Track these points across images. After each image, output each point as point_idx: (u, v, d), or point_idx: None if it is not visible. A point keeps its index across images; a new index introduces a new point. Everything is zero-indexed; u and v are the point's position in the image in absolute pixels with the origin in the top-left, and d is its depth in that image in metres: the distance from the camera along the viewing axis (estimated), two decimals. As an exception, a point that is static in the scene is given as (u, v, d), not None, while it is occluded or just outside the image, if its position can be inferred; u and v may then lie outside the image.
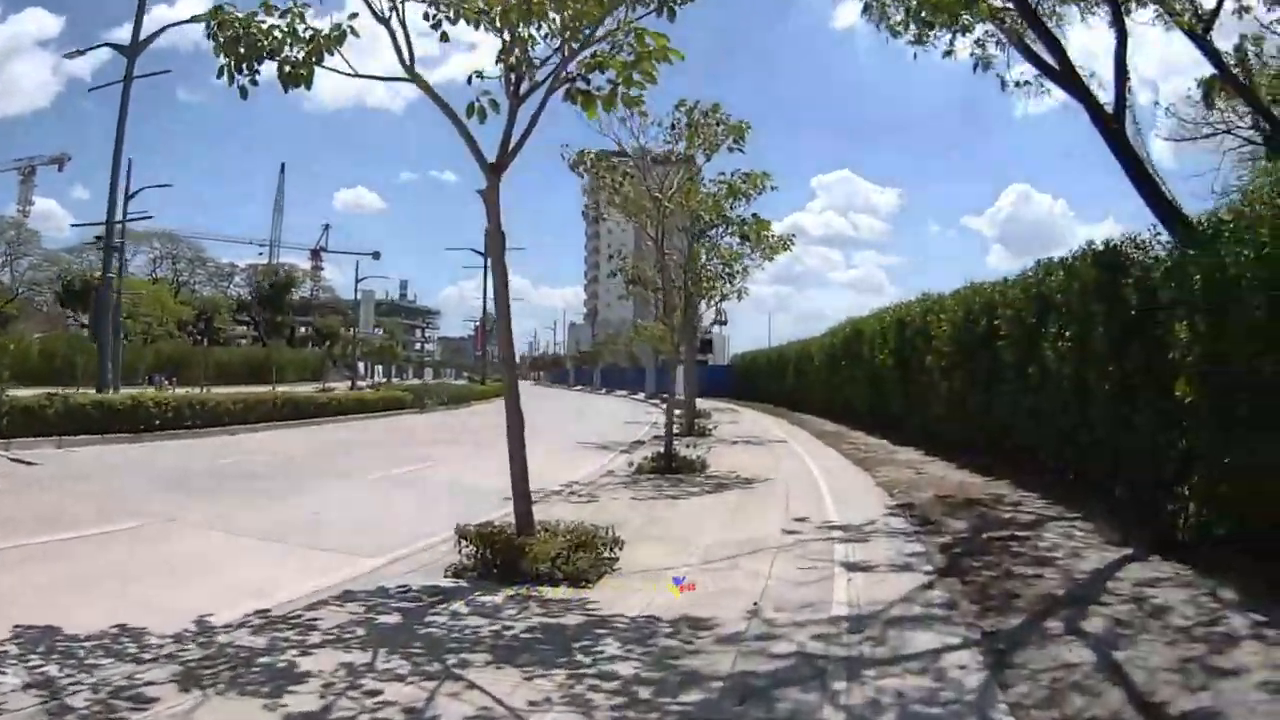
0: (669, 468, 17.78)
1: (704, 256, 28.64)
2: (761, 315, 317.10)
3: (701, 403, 56.99)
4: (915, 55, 16.26)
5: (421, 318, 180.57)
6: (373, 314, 79.84)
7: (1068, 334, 12.91)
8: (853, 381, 30.39)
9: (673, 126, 18.15)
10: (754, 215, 24.13)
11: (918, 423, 23.07)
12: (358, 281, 74.62)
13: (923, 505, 13.07)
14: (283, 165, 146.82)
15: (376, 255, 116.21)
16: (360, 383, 62.86)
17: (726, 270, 26.12)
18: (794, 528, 11.56)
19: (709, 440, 26.39)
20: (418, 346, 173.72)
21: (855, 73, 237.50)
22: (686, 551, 10.18)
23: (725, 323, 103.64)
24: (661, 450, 18.58)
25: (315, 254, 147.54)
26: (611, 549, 9.33)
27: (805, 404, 41.00)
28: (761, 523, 12.05)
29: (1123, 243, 12.11)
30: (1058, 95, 16.23)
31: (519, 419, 10.31)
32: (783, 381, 47.55)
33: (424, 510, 13.22)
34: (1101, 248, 12.35)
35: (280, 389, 37.17)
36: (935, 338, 20.37)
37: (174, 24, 57.92)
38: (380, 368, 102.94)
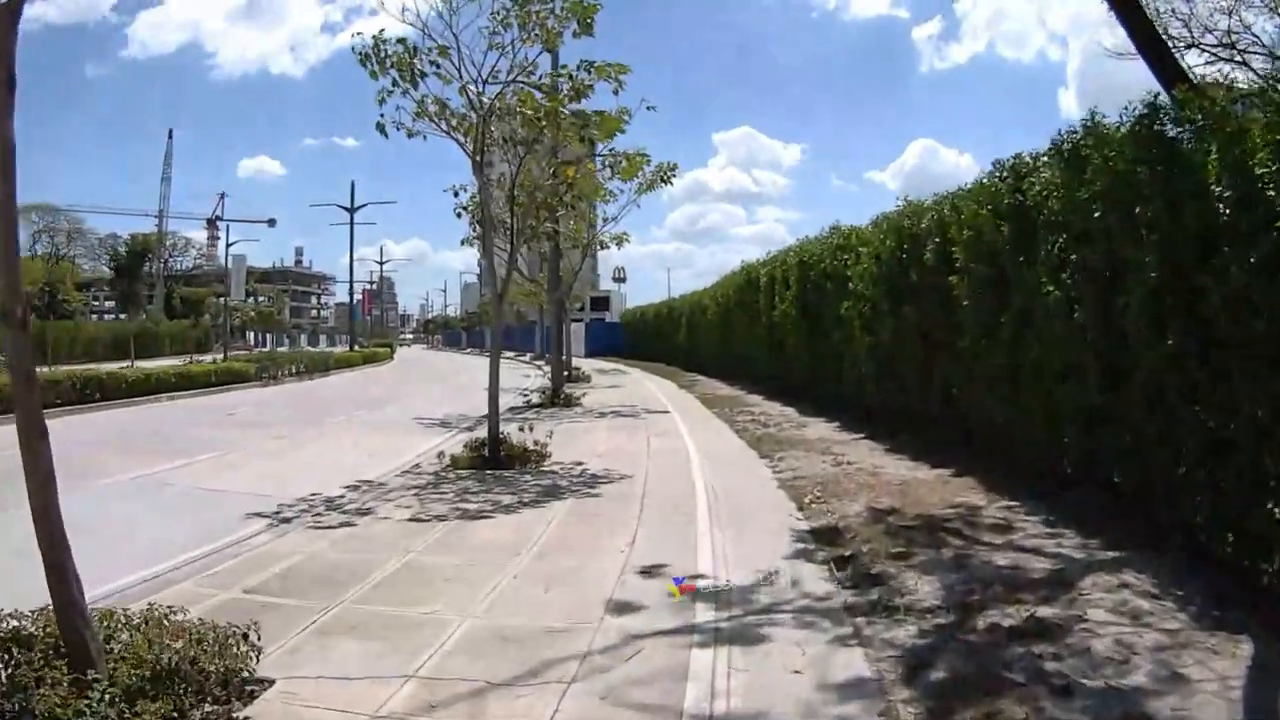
0: (493, 460, 12.65)
1: (535, 171, 23.65)
2: (661, 271, 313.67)
3: (589, 364, 52.70)
4: None
5: (317, 284, 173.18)
6: (244, 281, 72.59)
7: (1076, 257, 8.08)
8: (751, 339, 25.58)
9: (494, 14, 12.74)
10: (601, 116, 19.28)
11: (831, 389, 18.36)
12: (228, 246, 67.39)
13: (855, 531, 8.11)
14: (170, 131, 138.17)
15: (272, 223, 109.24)
16: (239, 352, 57.50)
17: (572, 197, 20.11)
18: (633, 595, 6.44)
19: (573, 412, 21.37)
20: (314, 314, 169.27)
21: (759, 25, 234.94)
22: (400, 662, 5.10)
23: (624, 280, 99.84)
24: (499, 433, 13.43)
25: (211, 223, 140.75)
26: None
27: (700, 364, 36.27)
28: (579, 583, 6.85)
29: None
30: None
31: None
32: (675, 339, 42.66)
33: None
34: (1144, 110, 7.41)
35: (137, 365, 32.03)
36: (851, 279, 15.59)
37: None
38: (270, 336, 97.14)
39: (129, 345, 69.70)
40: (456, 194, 20.12)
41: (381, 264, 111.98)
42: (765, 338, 23.50)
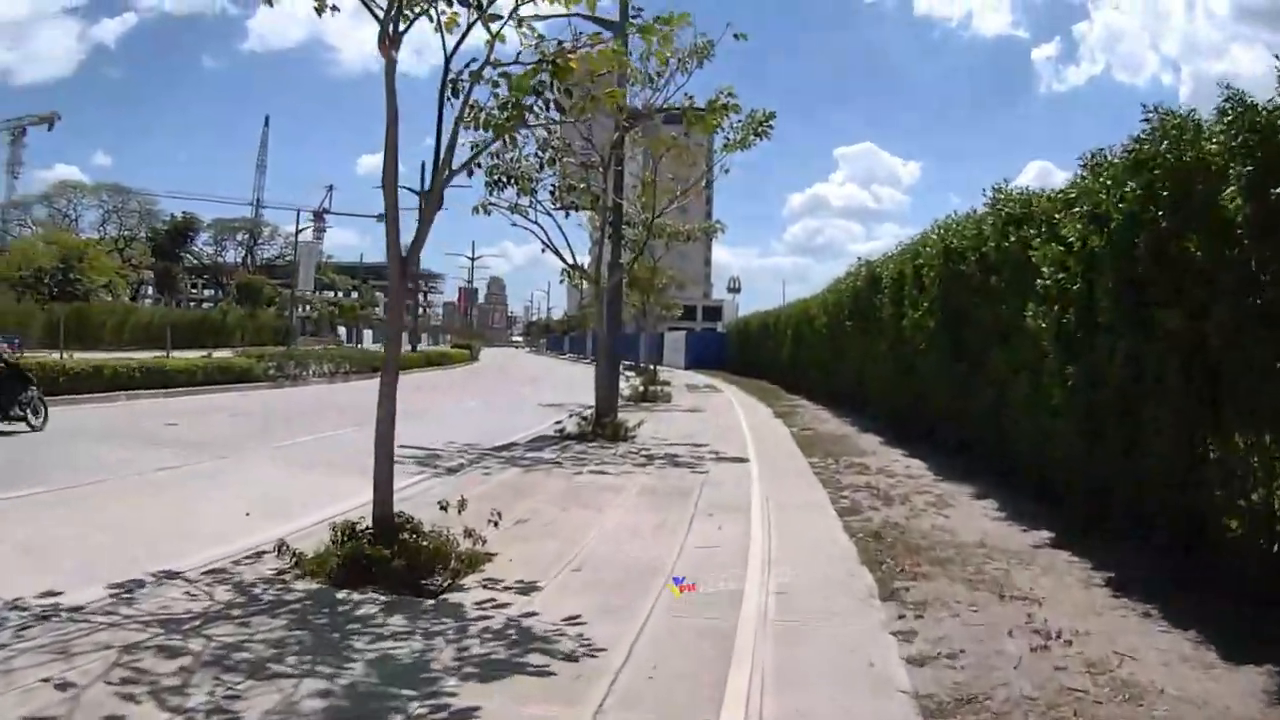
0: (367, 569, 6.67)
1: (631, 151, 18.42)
2: (778, 284, 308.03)
3: (685, 376, 46.65)
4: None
5: (425, 281, 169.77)
6: (313, 271, 68.52)
7: None
8: (869, 358, 19.10)
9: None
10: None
11: (982, 434, 12.08)
12: (297, 233, 63.34)
13: None
14: (266, 118, 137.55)
15: (380, 218, 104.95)
16: (316, 346, 53.57)
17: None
18: None
19: (612, 452, 15.17)
20: (420, 311, 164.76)
21: (881, 43, 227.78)
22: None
23: (738, 290, 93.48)
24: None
25: (318, 216, 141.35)
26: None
27: (805, 385, 29.83)
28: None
29: None
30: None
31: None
32: (778, 354, 36.21)
33: None
34: None
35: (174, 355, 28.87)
36: (1040, 266, 9.23)
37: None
38: (369, 332, 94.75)
39: (213, 333, 67.31)
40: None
41: (473, 259, 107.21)
42: (888, 358, 17.09)
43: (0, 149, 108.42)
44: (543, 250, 18.36)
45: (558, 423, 17.96)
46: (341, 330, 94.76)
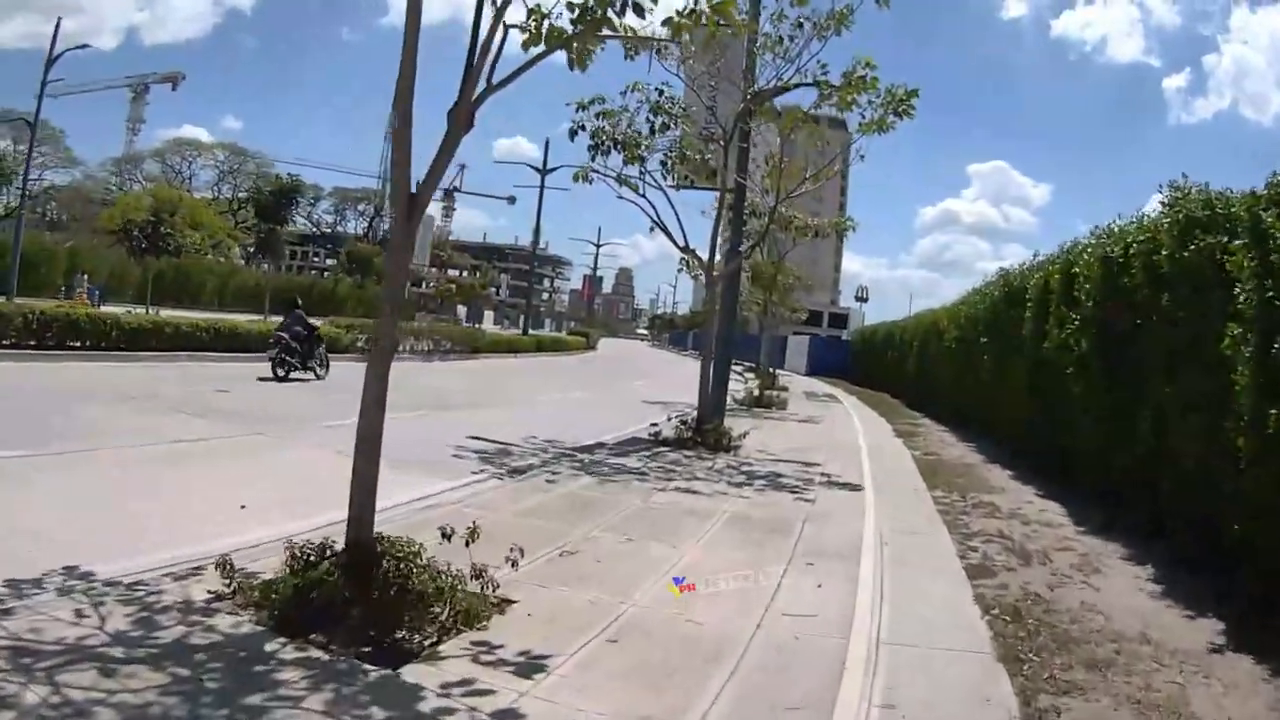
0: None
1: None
2: (905, 297, 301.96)
3: (804, 383, 44.86)
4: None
5: (552, 267, 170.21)
6: (427, 246, 67.71)
7: None
8: (1005, 379, 16.89)
9: None
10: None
11: (1140, 476, 10.05)
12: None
13: None
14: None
15: (512, 200, 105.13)
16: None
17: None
18: None
19: (710, 464, 13.59)
20: (545, 296, 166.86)
21: (1017, 62, 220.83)
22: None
23: (866, 299, 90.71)
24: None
25: (448, 194, 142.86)
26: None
27: (930, 402, 27.69)
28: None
29: None
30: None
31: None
32: (903, 367, 34.01)
33: None
34: None
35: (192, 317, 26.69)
36: (1243, 274, 7.36)
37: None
38: (488, 312, 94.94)
39: (327, 302, 67.93)
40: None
41: (598, 246, 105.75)
42: (1024, 381, 15.08)
43: (123, 106, 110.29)
44: (651, 230, 16.85)
45: (654, 425, 16.37)
46: (462, 309, 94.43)
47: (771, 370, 42.88)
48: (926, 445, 18.65)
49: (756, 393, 28.05)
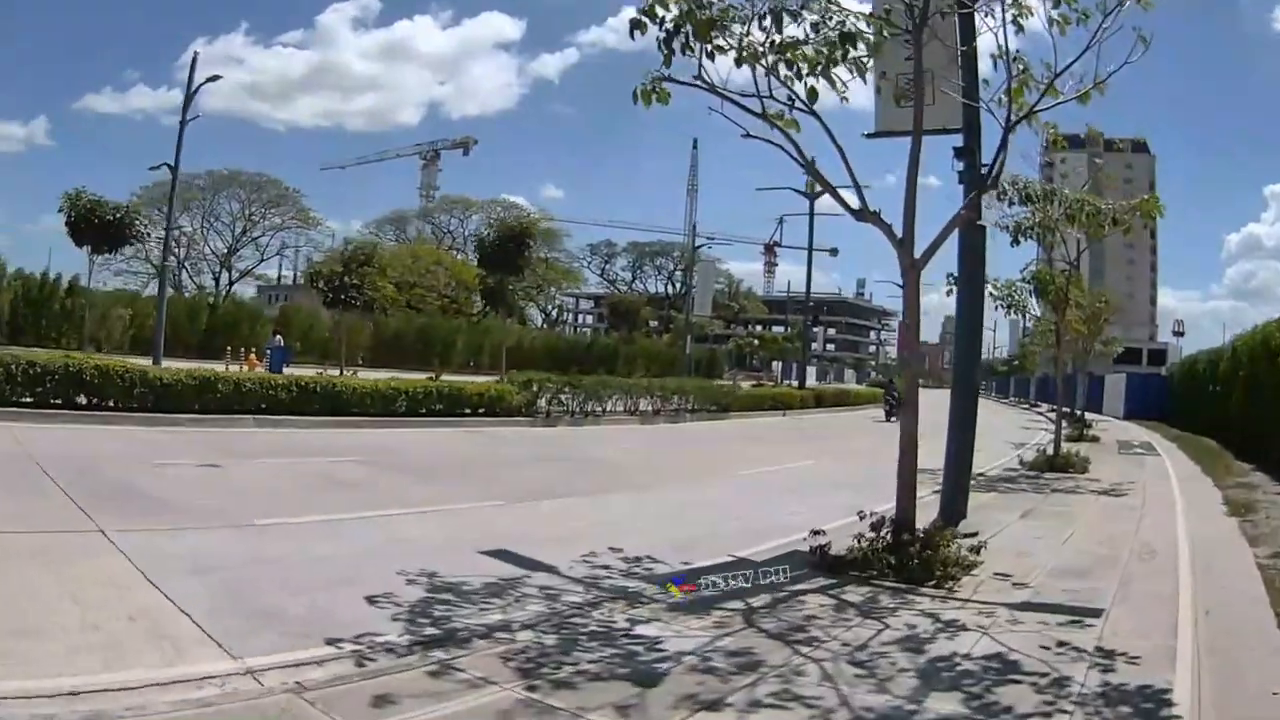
0: None
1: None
2: (1219, 330, 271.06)
3: (1119, 429, 37.12)
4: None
5: (877, 318, 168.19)
6: (710, 293, 62.68)
7: None
8: None
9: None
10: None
11: None
12: (694, 250, 58.05)
13: None
14: (695, 141, 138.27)
15: (834, 252, 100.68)
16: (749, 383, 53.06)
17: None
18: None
19: (878, 639, 6.75)
20: (871, 349, 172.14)
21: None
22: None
23: (1182, 334, 77.91)
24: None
25: (769, 249, 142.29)
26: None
27: (1263, 445, 20.59)
28: None
29: None
30: None
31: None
32: (1226, 402, 26.48)
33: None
34: None
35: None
36: None
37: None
38: (810, 368, 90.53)
39: (605, 359, 64.56)
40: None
41: (902, 285, 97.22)
42: None
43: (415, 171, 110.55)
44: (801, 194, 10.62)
45: (818, 534, 9.46)
46: (777, 365, 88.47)
47: (1082, 414, 34.85)
48: (1275, 536, 11.39)
49: (1050, 452, 20.83)
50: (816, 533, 9.59)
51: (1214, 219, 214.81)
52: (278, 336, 33.82)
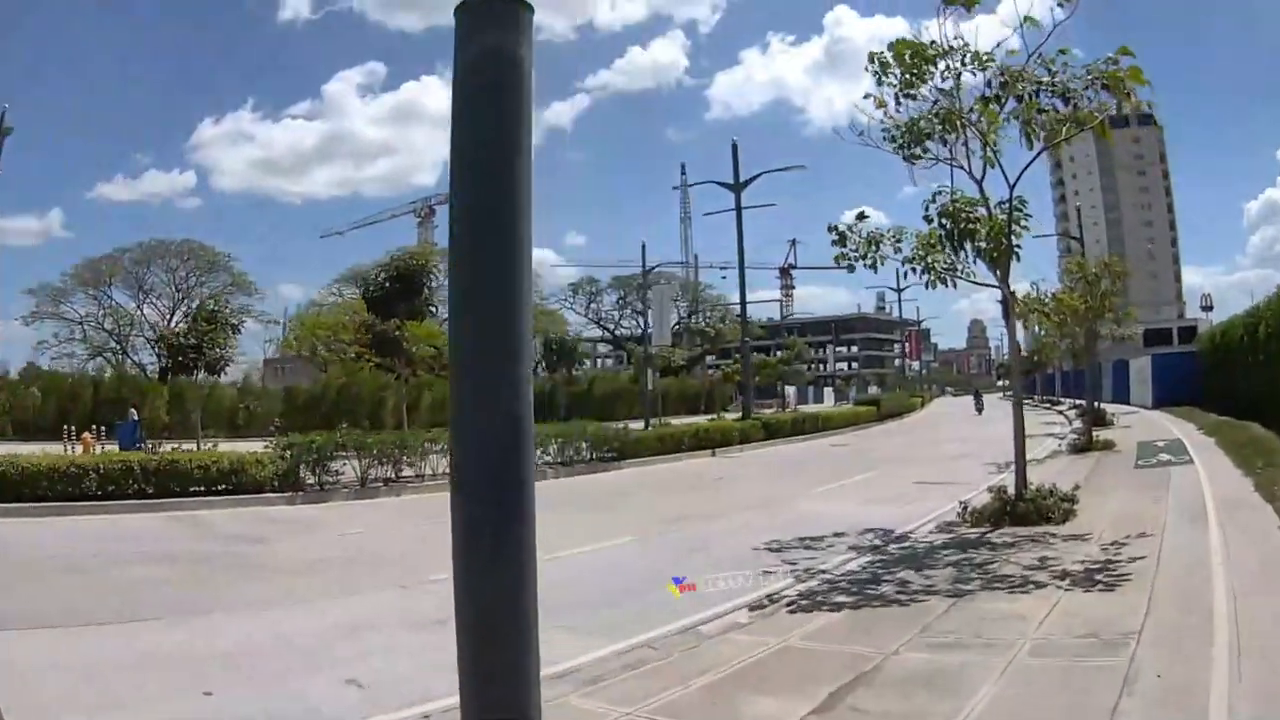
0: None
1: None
2: (1247, 301, 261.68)
3: (1145, 420, 33.57)
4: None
5: (899, 331, 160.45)
6: (668, 320, 55.77)
7: None
8: None
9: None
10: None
11: None
12: (644, 273, 53.11)
13: None
14: (683, 166, 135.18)
15: (850, 268, 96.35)
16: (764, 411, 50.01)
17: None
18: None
19: None
20: (896, 363, 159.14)
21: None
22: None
23: (1211, 308, 72.39)
24: None
25: (784, 272, 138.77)
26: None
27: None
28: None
29: None
30: None
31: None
32: (1269, 372, 23.56)
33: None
34: None
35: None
36: None
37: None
38: (827, 389, 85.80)
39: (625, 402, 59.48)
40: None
41: (899, 291, 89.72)
42: None
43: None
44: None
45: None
46: (790, 390, 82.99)
47: (1099, 409, 29.99)
48: None
49: (1017, 497, 13.59)
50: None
51: (1230, 189, 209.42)
52: (132, 411, 30.52)
